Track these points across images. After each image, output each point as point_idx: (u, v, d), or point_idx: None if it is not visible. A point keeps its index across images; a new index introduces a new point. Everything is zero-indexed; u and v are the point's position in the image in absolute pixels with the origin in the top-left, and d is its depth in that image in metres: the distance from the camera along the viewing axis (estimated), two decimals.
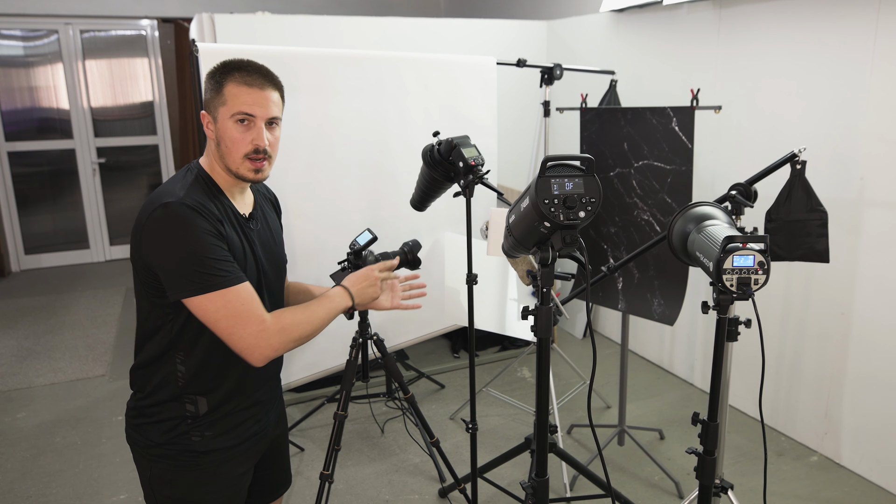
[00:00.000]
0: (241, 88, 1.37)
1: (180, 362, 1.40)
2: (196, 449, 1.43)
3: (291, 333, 1.38)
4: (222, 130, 1.38)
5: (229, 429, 1.47)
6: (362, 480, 2.78)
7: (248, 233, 1.45)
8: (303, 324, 1.40)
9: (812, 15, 2.71)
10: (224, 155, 1.40)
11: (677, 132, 2.59)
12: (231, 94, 1.36)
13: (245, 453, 1.51)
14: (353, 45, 3.65)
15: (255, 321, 1.32)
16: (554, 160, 1.28)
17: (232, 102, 1.36)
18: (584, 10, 4.17)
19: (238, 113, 1.36)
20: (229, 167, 1.40)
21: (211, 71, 1.40)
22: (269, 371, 1.56)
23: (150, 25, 5.94)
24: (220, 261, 1.30)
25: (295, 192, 2.78)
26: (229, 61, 1.39)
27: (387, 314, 3.19)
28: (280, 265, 1.59)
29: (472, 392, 2.22)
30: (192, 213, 1.29)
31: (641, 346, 3.95)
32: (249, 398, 1.50)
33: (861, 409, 2.74)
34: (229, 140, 1.38)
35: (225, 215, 1.39)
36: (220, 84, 1.37)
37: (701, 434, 1.68)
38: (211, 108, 1.40)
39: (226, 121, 1.37)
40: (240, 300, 1.31)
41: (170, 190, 1.34)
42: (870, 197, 2.60)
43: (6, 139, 5.73)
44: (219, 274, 1.30)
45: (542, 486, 1.51)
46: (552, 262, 1.34)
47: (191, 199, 1.32)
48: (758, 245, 1.44)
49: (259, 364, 1.35)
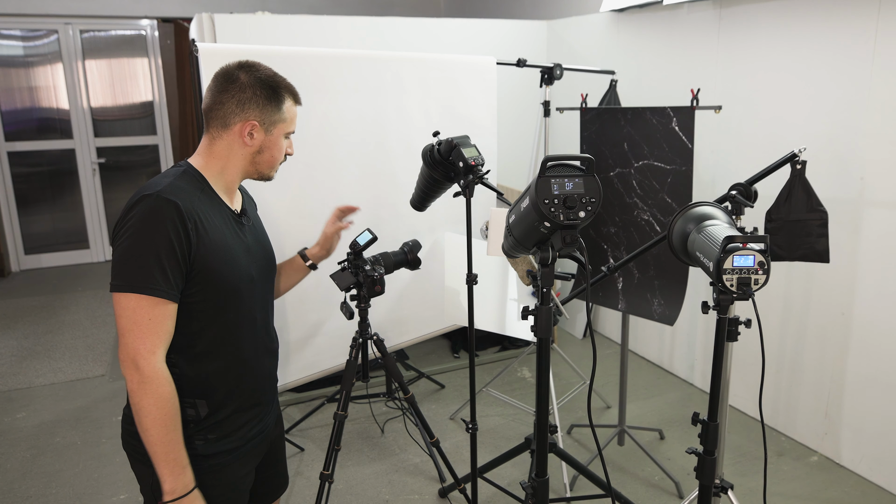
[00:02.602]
0: (294, 110, 1.50)
1: (175, 365, 1.38)
2: (200, 453, 1.42)
3: (144, 396, 1.28)
4: (272, 143, 1.46)
5: (232, 431, 1.47)
6: (362, 480, 2.78)
7: (239, 229, 1.47)
8: (150, 411, 1.28)
9: (812, 14, 2.71)
10: (263, 162, 1.48)
11: (677, 132, 2.59)
12: (290, 114, 1.48)
13: (248, 454, 1.51)
14: (353, 45, 3.65)
15: (147, 344, 1.28)
16: (554, 160, 1.28)
17: (291, 123, 1.49)
18: (585, 10, 4.17)
19: (292, 132, 1.51)
20: (262, 172, 1.49)
21: (266, 83, 1.43)
22: (267, 369, 1.56)
23: (149, 25, 5.94)
24: (162, 268, 1.28)
25: (295, 191, 2.78)
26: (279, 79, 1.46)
27: (387, 313, 3.18)
28: (271, 261, 1.61)
29: (472, 392, 2.22)
30: (167, 207, 1.29)
31: (641, 346, 3.95)
32: (250, 399, 1.50)
33: (861, 409, 2.74)
34: (276, 150, 1.48)
35: (214, 208, 1.41)
36: (279, 102, 1.44)
37: (701, 434, 1.68)
38: (267, 123, 1.44)
39: (280, 136, 1.47)
40: (149, 314, 1.28)
41: (155, 182, 1.35)
42: (870, 197, 2.60)
43: (6, 139, 5.73)
44: (148, 279, 1.27)
45: (542, 486, 1.51)
46: (552, 262, 1.34)
47: (172, 190, 1.32)
48: (758, 245, 1.44)
49: (128, 376, 1.30)
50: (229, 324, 1.43)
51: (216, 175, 1.45)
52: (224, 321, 1.42)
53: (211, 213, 1.39)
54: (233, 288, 1.41)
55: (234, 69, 1.44)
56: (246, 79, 1.41)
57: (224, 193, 1.46)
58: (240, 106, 1.41)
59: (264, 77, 1.43)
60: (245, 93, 1.41)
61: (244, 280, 1.44)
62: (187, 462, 1.35)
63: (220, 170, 1.45)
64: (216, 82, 1.43)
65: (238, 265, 1.43)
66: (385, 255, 2.46)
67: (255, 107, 1.41)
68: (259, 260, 1.52)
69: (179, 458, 1.33)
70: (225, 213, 1.44)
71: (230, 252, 1.41)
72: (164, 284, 1.29)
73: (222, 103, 1.41)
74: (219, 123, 1.43)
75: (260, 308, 1.52)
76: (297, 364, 3.06)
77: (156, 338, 1.29)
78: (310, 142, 2.79)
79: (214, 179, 1.44)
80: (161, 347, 1.31)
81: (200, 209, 1.36)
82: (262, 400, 1.55)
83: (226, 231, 1.42)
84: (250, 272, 1.47)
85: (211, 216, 1.39)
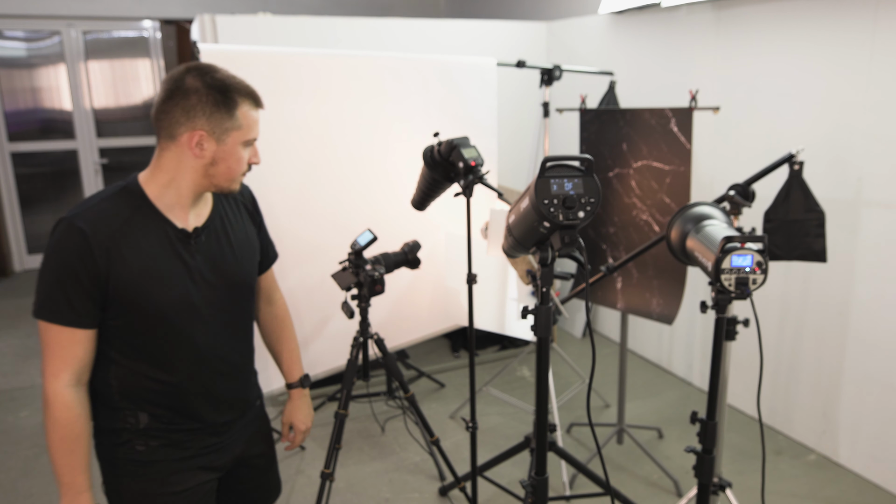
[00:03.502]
0: (252, 114, 1.35)
1: (114, 377, 1.36)
2: (141, 459, 1.38)
3: (47, 419, 1.29)
4: (227, 153, 1.33)
5: (178, 442, 1.41)
6: (363, 479, 2.79)
7: (184, 250, 1.36)
8: (53, 431, 1.29)
9: (810, 16, 2.73)
10: (219, 174, 1.34)
11: (676, 133, 2.61)
12: (246, 120, 1.33)
13: (198, 466, 1.44)
14: (354, 45, 3.67)
15: (52, 367, 1.28)
16: (553, 160, 1.29)
17: (247, 129, 1.34)
18: (584, 12, 4.18)
19: (251, 139, 1.36)
20: (221, 185, 1.36)
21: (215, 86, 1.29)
22: (218, 392, 1.45)
23: (152, 26, 5.95)
24: (66, 295, 1.26)
25: (295, 192, 2.80)
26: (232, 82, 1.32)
27: (388, 313, 3.20)
28: (238, 281, 1.46)
29: (471, 391, 2.24)
30: (71, 236, 1.25)
31: (640, 345, 3.97)
32: (195, 420, 1.42)
33: (858, 407, 2.75)
34: (234, 161, 1.34)
35: (150, 232, 1.32)
36: (231, 108, 1.31)
37: (699, 433, 1.69)
38: (217, 132, 1.31)
39: (236, 145, 1.34)
40: (55, 339, 1.28)
41: (80, 203, 1.32)
42: (867, 197, 2.61)
43: (9, 140, 5.74)
44: (53, 307, 1.27)
45: (541, 485, 1.52)
46: (552, 261, 1.35)
47: (88, 215, 1.27)
48: (756, 245, 1.46)
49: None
50: (158, 349, 1.36)
51: (161, 190, 1.33)
52: (152, 346, 1.35)
53: (142, 236, 1.31)
54: (159, 314, 1.33)
55: (182, 73, 1.30)
56: (192, 84, 1.28)
57: (173, 210, 1.35)
58: (185, 114, 1.28)
59: (213, 81, 1.29)
60: (189, 99, 1.28)
61: (175, 305, 1.34)
62: (86, 487, 1.32)
63: (168, 184, 1.33)
64: (162, 88, 1.30)
65: (168, 290, 1.33)
66: (385, 255, 2.48)
67: (202, 115, 1.28)
68: (209, 283, 1.39)
69: (76, 482, 1.31)
70: (166, 233, 1.34)
71: (158, 277, 1.32)
72: (69, 312, 1.27)
73: (167, 112, 1.29)
74: (165, 134, 1.31)
75: (204, 332, 1.39)
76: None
77: (60, 362, 1.28)
78: (311, 142, 2.81)
79: (159, 195, 1.33)
80: (66, 372, 1.28)
81: (124, 233, 1.29)
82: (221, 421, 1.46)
83: (159, 254, 1.32)
84: (188, 296, 1.35)
85: (140, 239, 1.30)
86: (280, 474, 1.76)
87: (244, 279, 1.48)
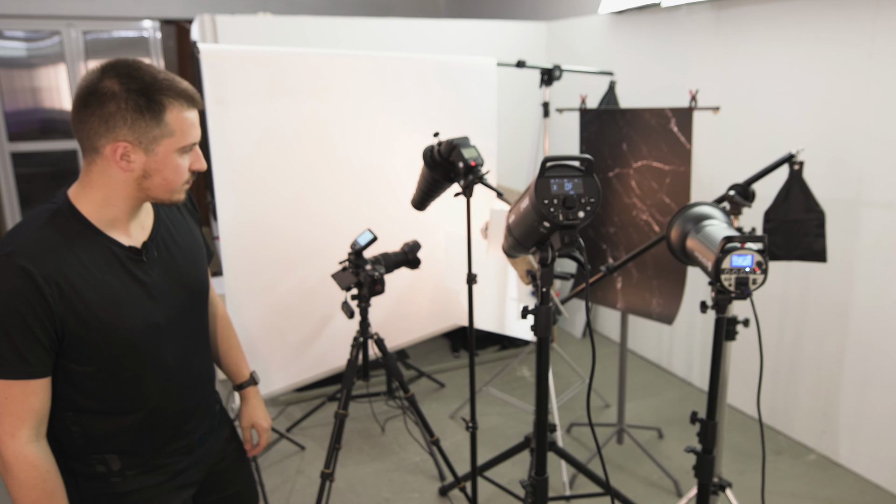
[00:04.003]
0: (186, 115, 1.17)
1: (76, 423, 1.23)
2: (118, 491, 1.28)
3: (8, 480, 1.15)
4: (161, 164, 1.16)
5: (155, 468, 1.32)
6: (363, 479, 2.80)
7: (137, 268, 1.23)
8: (25, 497, 1.15)
9: (810, 16, 2.73)
10: (155, 187, 1.19)
11: (676, 133, 2.61)
12: (178, 123, 1.16)
13: (177, 486, 1.37)
14: (354, 45, 3.67)
15: (4, 428, 1.13)
16: (553, 160, 1.29)
17: (185, 134, 1.17)
18: (584, 12, 4.18)
19: (189, 145, 1.19)
20: (159, 197, 1.21)
21: (132, 91, 1.12)
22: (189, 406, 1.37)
23: (152, 26, 5.95)
24: (12, 346, 1.10)
25: (295, 192, 2.80)
26: (156, 82, 1.14)
27: (388, 313, 3.20)
28: (197, 289, 1.36)
29: (472, 391, 2.24)
30: (15, 277, 1.08)
31: (640, 345, 3.97)
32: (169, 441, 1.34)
33: (858, 407, 2.75)
34: (170, 172, 1.18)
35: (96, 253, 1.17)
36: (159, 113, 1.13)
37: (699, 433, 1.69)
38: (145, 141, 1.13)
39: (170, 154, 1.17)
40: (4, 395, 1.12)
41: (9, 239, 1.13)
42: (867, 197, 2.62)
43: (9, 140, 5.74)
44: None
45: (541, 485, 1.52)
46: (552, 261, 1.35)
47: (28, 250, 1.10)
48: (756, 245, 1.46)
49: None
50: (128, 380, 1.24)
51: (98, 208, 1.18)
52: (121, 379, 1.23)
53: (90, 264, 1.16)
54: (124, 343, 1.21)
55: (97, 75, 1.13)
56: (109, 87, 1.11)
57: (115, 227, 1.21)
58: (104, 124, 1.11)
59: (133, 83, 1.12)
60: (107, 107, 1.11)
61: (141, 332, 1.23)
62: None
63: (103, 202, 1.18)
64: (76, 93, 1.14)
65: (131, 318, 1.21)
66: (385, 255, 2.48)
67: (123, 123, 1.11)
68: (170, 297, 1.28)
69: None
70: (115, 255, 1.19)
71: (117, 306, 1.18)
72: (18, 363, 1.11)
73: (83, 121, 1.13)
74: (87, 146, 1.15)
75: (173, 350, 1.30)
76: (299, 364, 3.07)
77: (14, 419, 1.13)
78: (311, 142, 2.81)
79: (97, 213, 1.18)
80: (23, 429, 1.14)
81: (71, 263, 1.13)
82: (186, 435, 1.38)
83: (113, 281, 1.18)
84: (152, 319, 1.24)
85: (89, 266, 1.15)
86: (279, 475, 1.74)
87: (201, 285, 1.38)
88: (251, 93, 2.51)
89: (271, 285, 2.72)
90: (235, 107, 2.47)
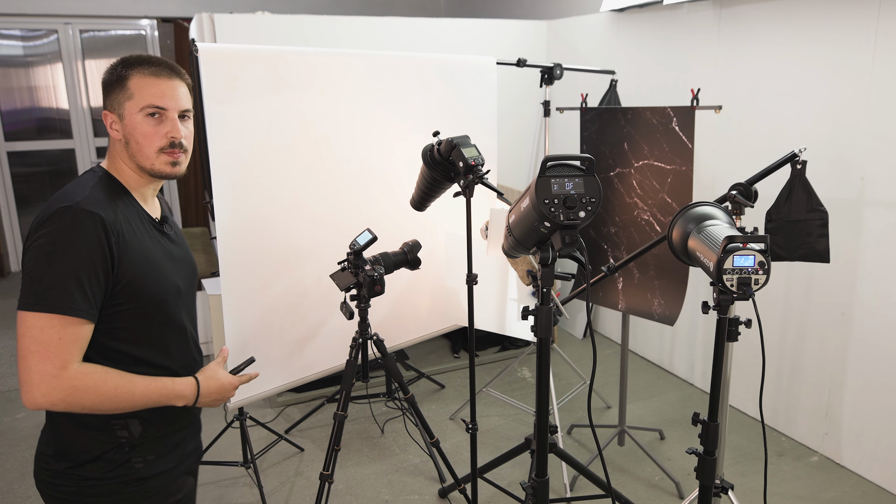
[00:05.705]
0: (149, 80, 1.30)
1: None
2: (142, 476, 1.34)
3: (84, 399, 1.20)
4: (131, 127, 1.30)
5: (171, 449, 1.41)
6: (362, 480, 2.78)
7: (162, 237, 1.39)
8: (107, 395, 1.22)
9: (812, 14, 2.71)
10: (135, 153, 1.32)
11: (677, 132, 2.59)
12: (137, 87, 1.29)
13: (186, 472, 1.46)
14: (353, 44, 3.65)
15: (55, 362, 1.17)
16: (554, 160, 1.28)
17: (140, 95, 1.29)
18: (585, 10, 4.17)
19: (148, 106, 1.30)
20: (142, 165, 1.32)
21: (109, 68, 1.32)
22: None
23: (149, 25, 5.94)
24: (80, 286, 1.19)
25: (295, 191, 2.78)
26: (129, 56, 1.32)
27: (387, 313, 3.18)
28: (195, 271, 1.52)
29: (472, 392, 2.22)
30: (88, 220, 1.20)
31: (642, 346, 3.95)
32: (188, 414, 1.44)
33: (861, 409, 2.74)
34: (140, 136, 1.30)
35: (135, 217, 1.32)
36: (123, 78, 1.30)
37: (701, 434, 1.68)
38: (115, 106, 1.31)
39: (134, 115, 1.30)
40: (59, 333, 1.18)
41: (72, 191, 1.25)
42: (870, 197, 2.60)
43: (6, 139, 5.73)
44: (64, 297, 1.18)
45: (542, 487, 1.51)
46: (552, 261, 1.34)
47: (92, 201, 1.23)
48: (758, 245, 1.44)
49: (27, 406, 1.19)
50: (158, 337, 1.35)
51: (125, 176, 1.35)
52: (152, 335, 1.34)
53: (134, 224, 1.31)
54: (159, 300, 1.33)
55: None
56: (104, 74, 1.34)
57: (141, 199, 1.37)
58: (104, 99, 1.34)
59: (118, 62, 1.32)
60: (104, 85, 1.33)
61: (170, 292, 1.36)
62: (171, 382, 1.31)
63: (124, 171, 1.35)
64: None
65: (163, 276, 1.34)
66: (385, 255, 2.46)
67: (106, 95, 1.32)
68: (184, 269, 1.43)
69: (166, 389, 1.30)
70: (146, 220, 1.36)
71: (154, 263, 1.32)
72: (84, 303, 1.19)
73: None
74: None
75: (188, 319, 1.44)
76: (297, 364, 3.05)
77: (66, 355, 1.19)
78: (309, 141, 2.79)
79: (126, 181, 1.35)
80: (72, 361, 1.20)
81: (124, 219, 1.28)
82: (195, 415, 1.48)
83: (150, 242, 1.33)
84: (176, 283, 1.38)
85: (134, 227, 1.30)
86: (278, 476, 1.74)
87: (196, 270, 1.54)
88: (250, 92, 2.50)
89: (269, 285, 2.70)
90: (234, 106, 2.45)
